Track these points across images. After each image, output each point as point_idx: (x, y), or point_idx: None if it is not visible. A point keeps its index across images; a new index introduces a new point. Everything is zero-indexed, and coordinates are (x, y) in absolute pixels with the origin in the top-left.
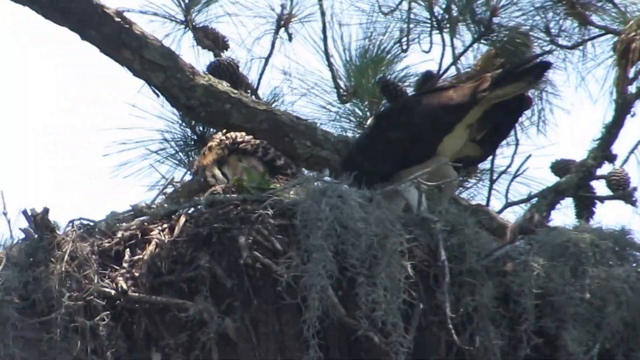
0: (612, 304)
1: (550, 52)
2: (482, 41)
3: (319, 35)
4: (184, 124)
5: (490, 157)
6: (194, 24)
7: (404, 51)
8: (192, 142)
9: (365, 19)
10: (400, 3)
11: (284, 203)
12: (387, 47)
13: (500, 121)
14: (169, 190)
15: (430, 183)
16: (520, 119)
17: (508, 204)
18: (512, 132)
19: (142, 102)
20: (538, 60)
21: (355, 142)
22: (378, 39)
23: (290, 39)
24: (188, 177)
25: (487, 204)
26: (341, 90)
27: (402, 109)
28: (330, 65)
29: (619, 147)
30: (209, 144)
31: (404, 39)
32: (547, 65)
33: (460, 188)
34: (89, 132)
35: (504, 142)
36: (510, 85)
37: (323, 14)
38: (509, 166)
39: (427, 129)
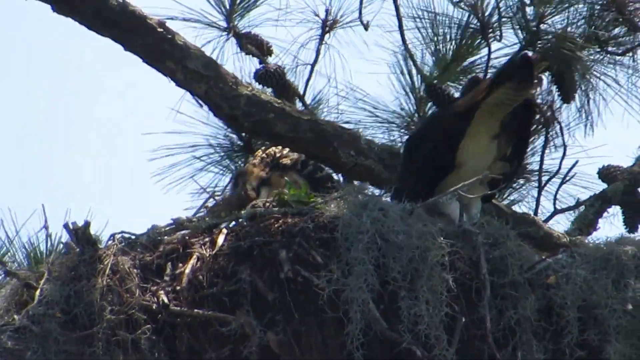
0: None
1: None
2: (529, 48)
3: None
4: (229, 130)
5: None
6: (237, 30)
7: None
8: (238, 149)
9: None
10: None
11: (325, 216)
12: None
13: (520, 131)
14: (210, 203)
15: (471, 195)
16: (533, 125)
17: (556, 211)
18: (560, 136)
19: (188, 108)
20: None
21: None
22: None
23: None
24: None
25: (537, 209)
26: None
27: (424, 125)
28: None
29: None
30: (252, 162)
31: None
32: (527, 60)
33: (510, 189)
34: (134, 139)
35: (549, 146)
36: (502, 87)
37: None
38: (557, 171)
39: (442, 139)
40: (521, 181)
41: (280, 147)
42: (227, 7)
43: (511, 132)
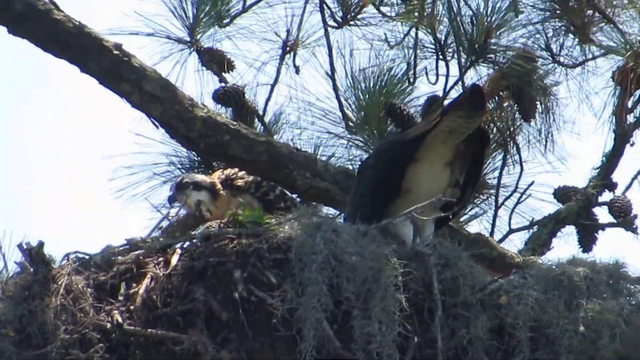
0: (606, 337)
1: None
2: (481, 63)
3: (326, 61)
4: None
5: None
6: (199, 45)
7: (412, 84)
8: (197, 165)
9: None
10: (406, 35)
11: (279, 237)
12: (395, 79)
13: (473, 159)
14: (165, 224)
15: (424, 218)
16: (486, 154)
17: (511, 231)
18: (517, 155)
19: (147, 127)
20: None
21: None
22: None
23: (297, 71)
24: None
25: (492, 229)
26: (350, 123)
27: (375, 151)
28: (338, 97)
29: (621, 173)
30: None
31: (411, 72)
32: (479, 91)
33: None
34: (95, 160)
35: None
36: (453, 115)
37: (330, 48)
38: (513, 191)
39: (389, 164)
40: (482, 197)
41: (236, 169)
42: (191, 21)
43: (465, 160)
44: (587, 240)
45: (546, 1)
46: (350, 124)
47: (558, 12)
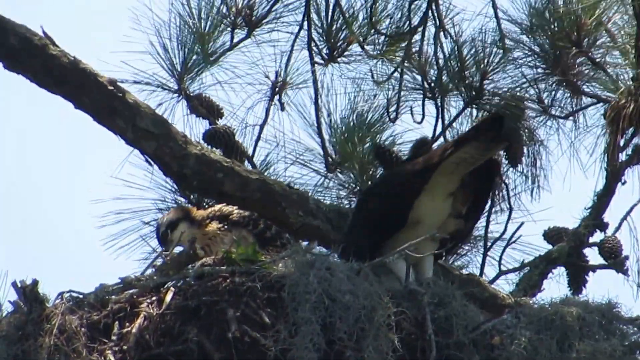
0: None
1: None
2: (474, 106)
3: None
4: (178, 193)
5: (481, 226)
6: (187, 92)
7: (392, 121)
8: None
9: (357, 89)
10: (393, 72)
11: (272, 276)
12: (376, 115)
13: (479, 190)
14: (159, 262)
15: (417, 255)
16: (495, 186)
17: (501, 272)
18: (506, 199)
19: (136, 174)
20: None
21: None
22: (367, 108)
23: (282, 108)
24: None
25: (482, 272)
26: (329, 159)
27: (380, 180)
28: (320, 134)
29: (613, 213)
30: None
31: (392, 108)
32: (499, 119)
33: (455, 255)
34: (82, 204)
35: (495, 209)
36: (469, 146)
37: (315, 81)
38: (502, 233)
39: (397, 195)
40: (466, 247)
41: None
42: (179, 69)
43: (468, 191)
44: (577, 282)
45: (538, 57)
46: (330, 161)
47: (549, 69)
